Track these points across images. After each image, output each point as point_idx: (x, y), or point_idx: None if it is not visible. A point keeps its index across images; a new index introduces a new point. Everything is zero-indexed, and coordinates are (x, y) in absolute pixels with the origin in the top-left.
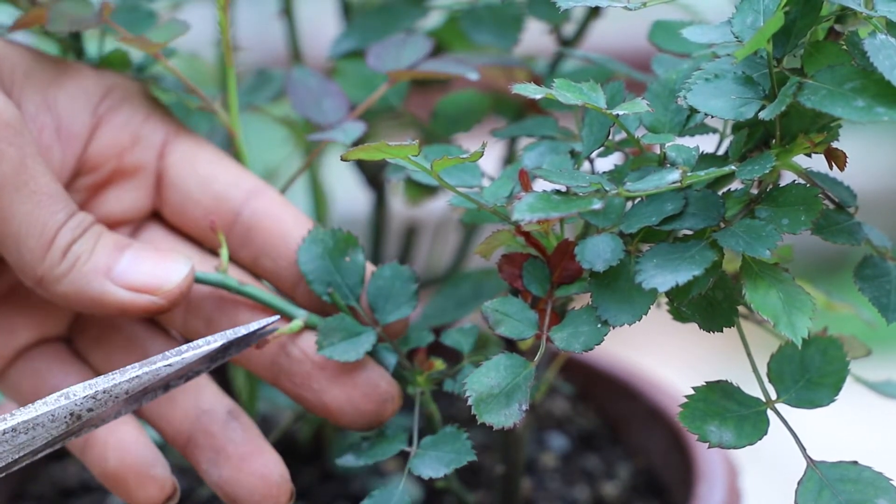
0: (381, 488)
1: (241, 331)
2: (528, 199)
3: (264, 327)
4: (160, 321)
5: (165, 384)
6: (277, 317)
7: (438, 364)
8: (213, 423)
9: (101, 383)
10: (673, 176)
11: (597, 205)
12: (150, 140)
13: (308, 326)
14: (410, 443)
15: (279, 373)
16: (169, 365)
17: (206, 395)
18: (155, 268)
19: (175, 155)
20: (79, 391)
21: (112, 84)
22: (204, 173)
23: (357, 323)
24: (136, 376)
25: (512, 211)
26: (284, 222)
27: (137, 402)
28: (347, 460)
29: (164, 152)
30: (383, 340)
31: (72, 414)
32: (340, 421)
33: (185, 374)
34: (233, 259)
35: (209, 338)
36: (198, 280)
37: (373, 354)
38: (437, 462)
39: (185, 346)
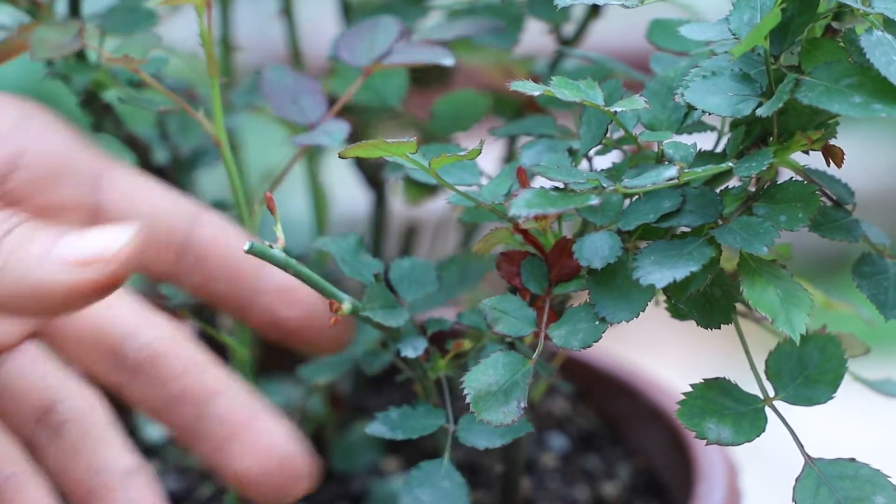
0: (429, 461)
1: None
2: (525, 195)
3: None
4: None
5: None
6: None
7: (467, 344)
8: (111, 478)
9: None
10: (670, 173)
11: (594, 201)
12: (82, 174)
13: (354, 311)
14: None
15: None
16: None
17: (110, 452)
18: (97, 237)
19: (112, 190)
20: None
21: (33, 113)
22: (146, 206)
23: (392, 297)
24: None
25: (509, 207)
26: (231, 246)
27: None
28: (378, 429)
29: (99, 187)
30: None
31: None
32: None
33: None
34: (185, 285)
35: None
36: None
37: (399, 338)
38: (489, 433)
39: None
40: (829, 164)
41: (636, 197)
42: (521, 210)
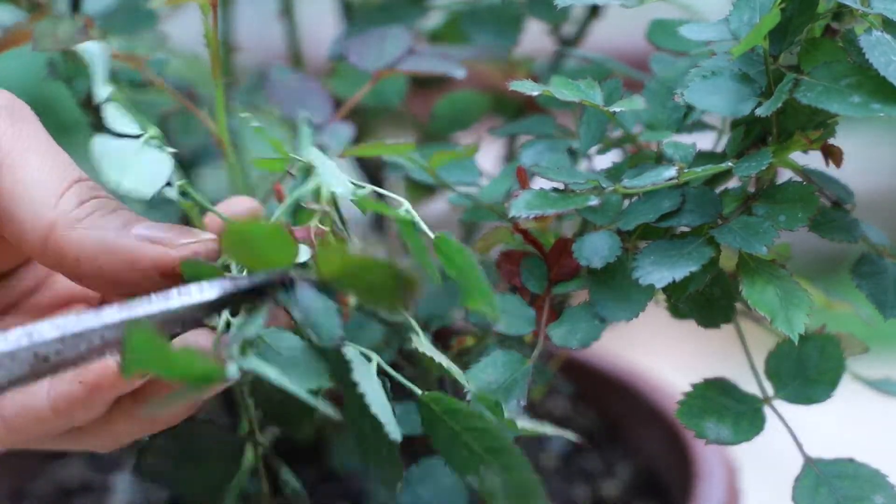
0: (429, 458)
1: (243, 283)
2: (525, 196)
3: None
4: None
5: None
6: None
7: (469, 340)
8: None
9: (71, 326)
10: (670, 173)
11: (593, 201)
12: None
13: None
14: None
15: None
16: (151, 314)
17: None
18: (174, 229)
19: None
20: (45, 331)
21: None
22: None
23: None
24: (116, 322)
25: (509, 208)
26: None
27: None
28: None
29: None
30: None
31: (36, 355)
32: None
33: (181, 319)
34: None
35: (204, 284)
36: None
37: (402, 334)
38: None
39: (174, 291)
40: (828, 164)
41: (636, 197)
42: (521, 211)
